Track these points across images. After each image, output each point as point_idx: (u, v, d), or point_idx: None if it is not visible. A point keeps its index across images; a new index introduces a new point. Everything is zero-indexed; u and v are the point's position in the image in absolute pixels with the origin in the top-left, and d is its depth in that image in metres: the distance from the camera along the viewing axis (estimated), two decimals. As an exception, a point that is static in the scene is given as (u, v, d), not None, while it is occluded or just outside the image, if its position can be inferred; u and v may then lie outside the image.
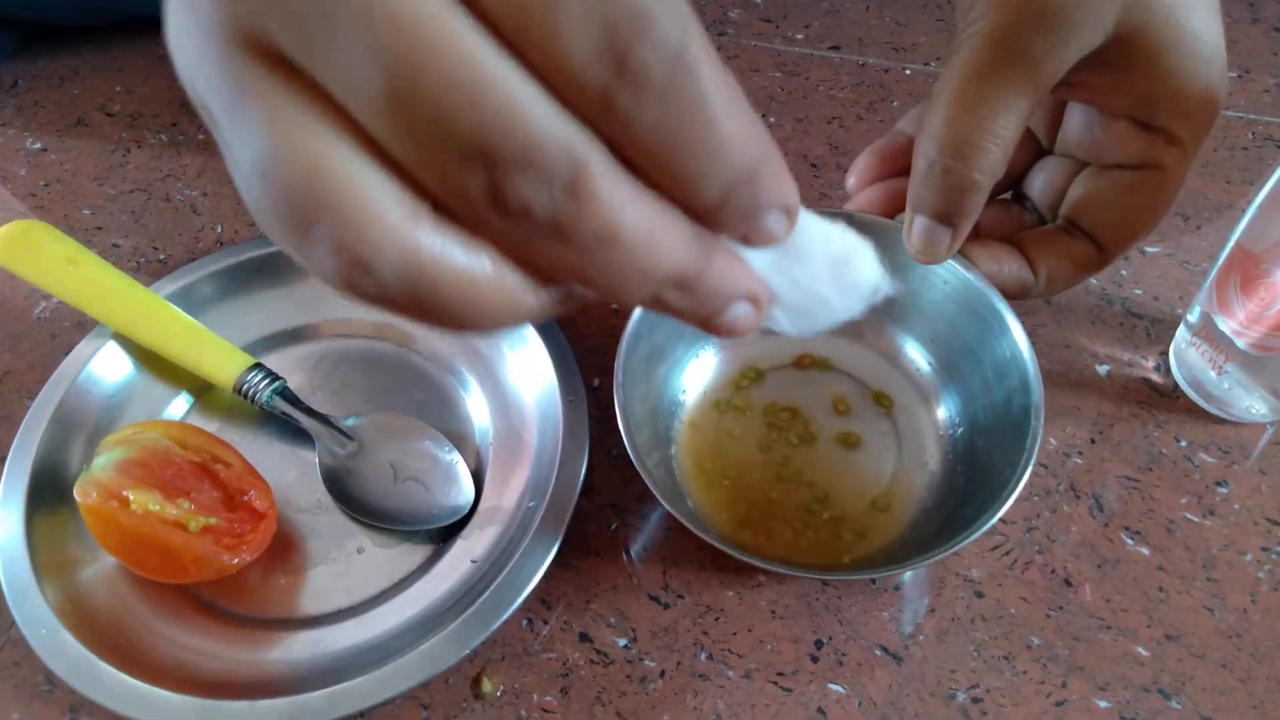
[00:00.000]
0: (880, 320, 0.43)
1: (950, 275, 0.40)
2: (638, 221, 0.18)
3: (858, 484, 0.40)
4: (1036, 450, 0.35)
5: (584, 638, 0.37)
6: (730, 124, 0.18)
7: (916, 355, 0.43)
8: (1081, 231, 0.40)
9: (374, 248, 0.18)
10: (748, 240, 0.21)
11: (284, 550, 0.39)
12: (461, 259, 0.19)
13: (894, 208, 0.41)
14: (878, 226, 0.40)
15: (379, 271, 0.18)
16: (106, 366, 0.42)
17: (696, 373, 0.43)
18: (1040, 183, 0.43)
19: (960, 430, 0.41)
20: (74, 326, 0.47)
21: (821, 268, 0.22)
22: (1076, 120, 0.40)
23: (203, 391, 0.44)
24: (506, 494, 0.40)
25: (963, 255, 0.39)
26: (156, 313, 0.43)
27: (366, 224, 0.18)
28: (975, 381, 0.41)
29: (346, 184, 0.18)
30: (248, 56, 0.18)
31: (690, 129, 0.18)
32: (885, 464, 0.41)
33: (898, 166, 0.42)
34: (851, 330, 0.44)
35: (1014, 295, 0.40)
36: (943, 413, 0.42)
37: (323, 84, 0.18)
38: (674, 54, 0.17)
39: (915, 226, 0.37)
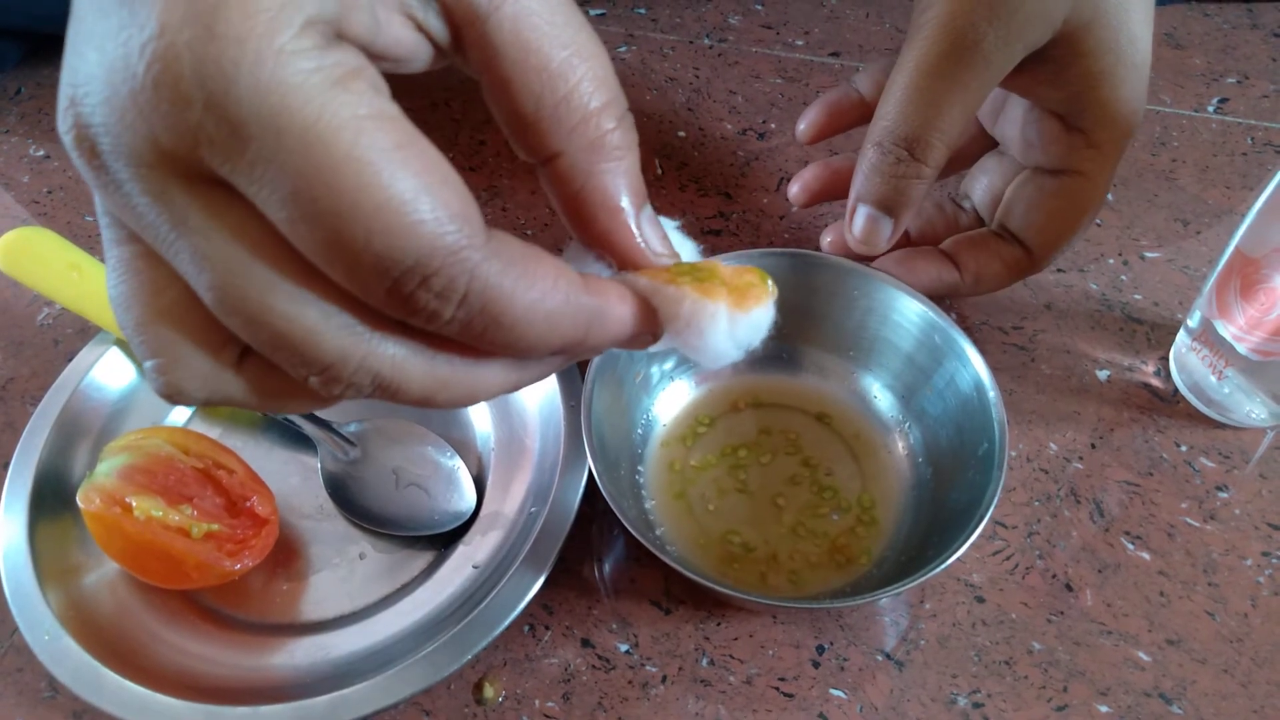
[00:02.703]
0: (797, 345, 0.43)
1: (859, 287, 0.41)
2: (534, 315, 0.20)
3: (831, 503, 0.40)
4: (1004, 418, 0.36)
5: (586, 643, 0.37)
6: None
7: (843, 369, 0.43)
8: (1011, 234, 0.42)
9: (333, 364, 0.20)
10: None
11: (286, 556, 0.39)
12: (416, 357, 0.21)
13: (834, 187, 0.44)
14: (801, 258, 0.41)
15: (355, 381, 0.20)
16: (109, 373, 0.43)
17: (662, 408, 0.43)
18: (982, 187, 0.44)
19: (909, 424, 0.41)
20: (77, 333, 0.48)
21: (713, 337, 0.23)
22: (1013, 112, 0.41)
23: (205, 398, 0.44)
24: (508, 500, 0.40)
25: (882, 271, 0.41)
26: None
27: (316, 349, 0.20)
28: (909, 375, 0.41)
29: (309, 314, 0.19)
30: (172, 181, 0.18)
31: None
32: (851, 480, 0.41)
33: (844, 122, 0.44)
34: (773, 364, 0.44)
35: (941, 295, 0.42)
36: (886, 414, 0.42)
37: (252, 203, 0.18)
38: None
39: (858, 216, 0.39)
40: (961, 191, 0.46)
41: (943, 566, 0.32)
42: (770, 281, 0.24)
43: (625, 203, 0.22)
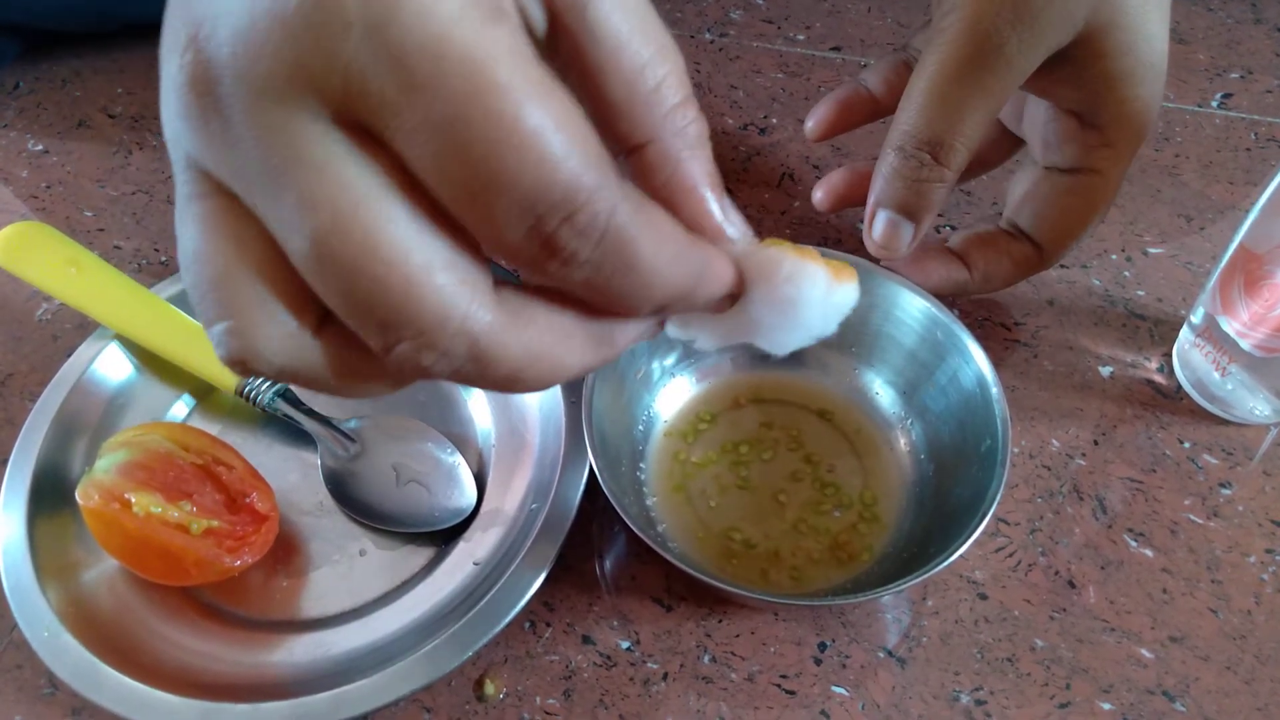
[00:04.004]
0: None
1: (862, 282, 0.40)
2: (658, 260, 0.20)
3: (832, 500, 0.40)
4: (1007, 414, 0.36)
5: (586, 640, 0.37)
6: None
7: (845, 365, 0.43)
8: (1021, 232, 0.42)
9: (431, 325, 0.19)
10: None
11: (286, 552, 0.39)
12: (524, 329, 0.21)
13: (862, 190, 0.43)
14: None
15: (450, 349, 0.20)
16: (108, 369, 0.42)
17: (663, 405, 0.42)
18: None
19: (911, 421, 0.41)
20: (75, 329, 0.47)
21: (810, 296, 0.24)
22: (1032, 112, 0.41)
23: (205, 394, 0.44)
24: (509, 496, 0.40)
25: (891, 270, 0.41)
26: (158, 315, 0.43)
27: (417, 304, 0.19)
28: (911, 371, 0.41)
29: (413, 265, 0.19)
30: (298, 116, 0.18)
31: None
32: (852, 476, 0.40)
33: (853, 119, 0.44)
34: (774, 359, 0.43)
35: (950, 294, 0.42)
36: (888, 411, 0.42)
37: (392, 145, 0.18)
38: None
39: (878, 220, 0.39)
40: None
41: (945, 563, 0.32)
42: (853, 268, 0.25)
43: (709, 188, 0.23)
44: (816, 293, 0.24)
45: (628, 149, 0.22)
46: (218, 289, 0.20)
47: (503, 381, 0.21)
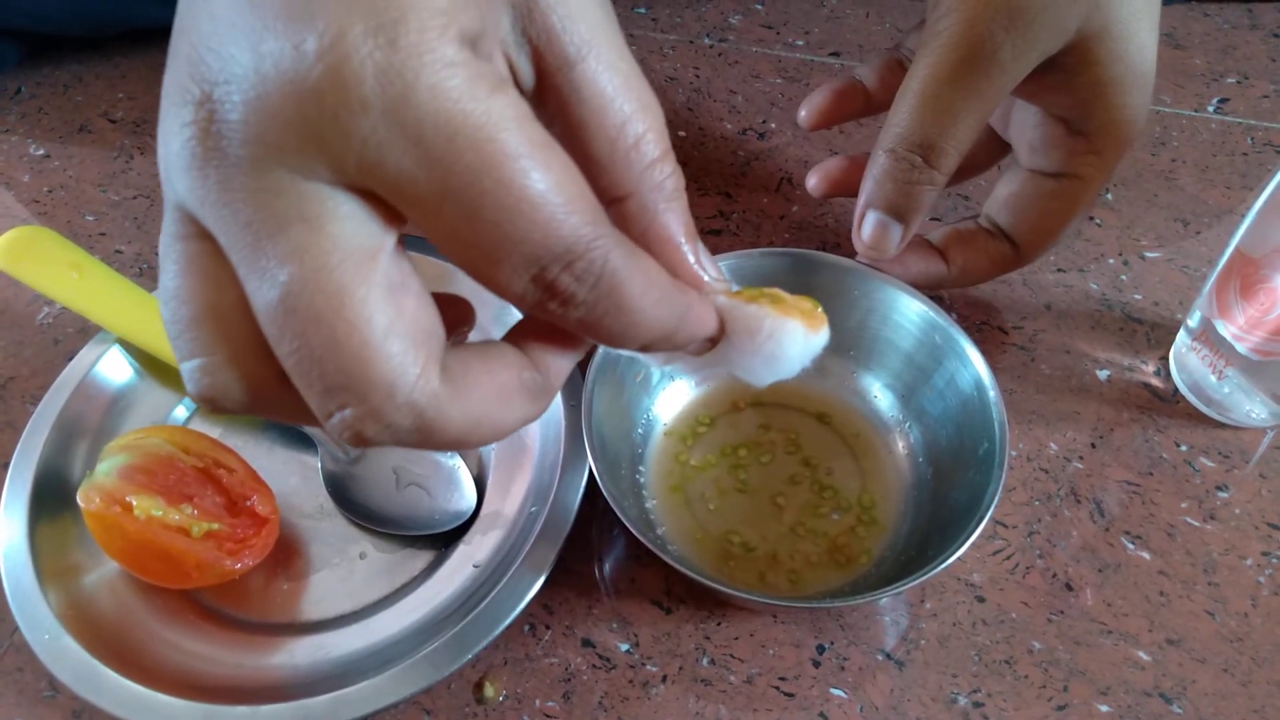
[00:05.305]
0: None
1: (859, 286, 0.41)
2: (644, 301, 0.22)
3: (830, 503, 0.40)
4: (1005, 418, 0.36)
5: (586, 643, 0.37)
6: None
7: (843, 368, 0.43)
8: (1000, 230, 0.42)
9: (379, 392, 0.20)
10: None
11: (286, 555, 0.39)
12: (481, 393, 0.22)
13: (857, 180, 0.42)
14: (801, 258, 0.41)
15: (393, 420, 0.20)
16: (109, 372, 0.43)
17: (662, 408, 0.43)
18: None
19: (909, 424, 0.41)
20: (77, 333, 0.47)
21: (790, 350, 0.26)
22: (1019, 116, 0.41)
23: (205, 397, 0.44)
24: (509, 499, 0.40)
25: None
26: (159, 318, 0.43)
27: (367, 368, 0.20)
28: (909, 375, 0.41)
29: (374, 328, 0.19)
30: (301, 179, 0.19)
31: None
32: (850, 479, 0.41)
33: (848, 110, 0.45)
34: None
35: (928, 287, 0.42)
36: (886, 414, 0.42)
37: (399, 208, 0.19)
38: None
39: (867, 222, 0.39)
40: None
41: (943, 566, 0.32)
42: (821, 308, 0.27)
43: (684, 238, 0.24)
44: (796, 346, 0.26)
45: (608, 201, 0.23)
46: (192, 328, 0.21)
47: (440, 448, 0.22)
